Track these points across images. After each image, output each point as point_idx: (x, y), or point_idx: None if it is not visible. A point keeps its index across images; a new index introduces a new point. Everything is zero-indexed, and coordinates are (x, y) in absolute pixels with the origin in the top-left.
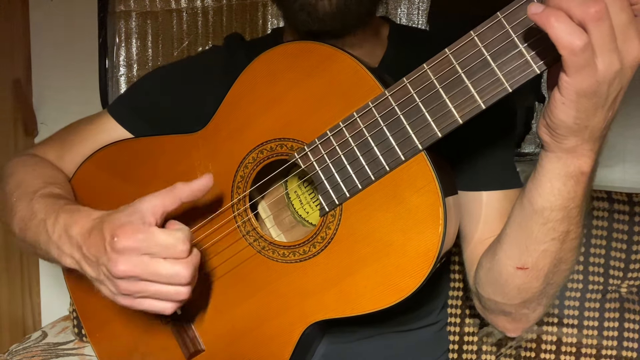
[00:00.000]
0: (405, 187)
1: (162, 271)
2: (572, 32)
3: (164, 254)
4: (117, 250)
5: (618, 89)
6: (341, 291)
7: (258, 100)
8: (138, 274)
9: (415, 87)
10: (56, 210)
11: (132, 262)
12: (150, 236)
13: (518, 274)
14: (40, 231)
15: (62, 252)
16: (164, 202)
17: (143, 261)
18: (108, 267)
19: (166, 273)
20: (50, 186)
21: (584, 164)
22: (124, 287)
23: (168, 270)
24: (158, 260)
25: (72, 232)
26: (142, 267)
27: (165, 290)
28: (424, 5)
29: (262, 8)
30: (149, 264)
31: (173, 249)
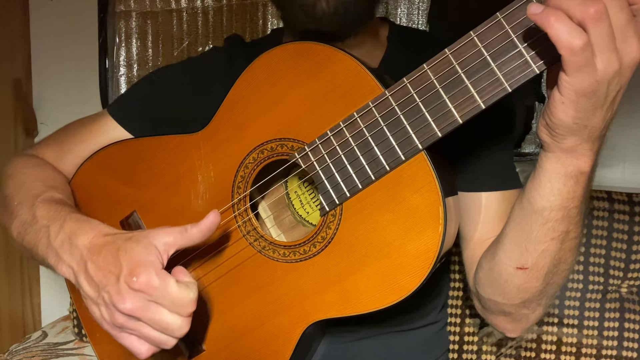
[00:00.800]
0: (405, 187)
1: (163, 320)
2: (572, 31)
3: (170, 308)
4: (133, 289)
5: (617, 88)
6: (341, 290)
7: (258, 101)
8: (139, 316)
9: (415, 87)
10: (62, 217)
11: (140, 304)
12: (165, 287)
13: (518, 274)
14: (41, 237)
15: (59, 260)
16: (176, 242)
17: (149, 306)
18: (113, 299)
19: (165, 323)
20: (51, 190)
21: (584, 164)
22: (119, 321)
23: (169, 321)
24: (163, 310)
25: (77, 242)
26: (147, 311)
27: (155, 336)
28: (424, 5)
29: (262, 8)
30: (155, 311)
31: (181, 307)
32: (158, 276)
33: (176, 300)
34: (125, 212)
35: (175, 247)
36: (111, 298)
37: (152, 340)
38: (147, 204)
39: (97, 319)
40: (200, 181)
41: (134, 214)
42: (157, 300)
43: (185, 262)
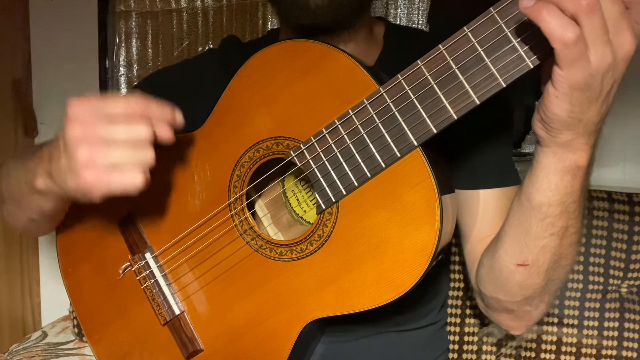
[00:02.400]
0: (401, 184)
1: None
2: (564, 24)
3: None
4: (69, 119)
5: (611, 82)
6: (339, 288)
7: (254, 99)
8: (94, 134)
9: (409, 83)
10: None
11: (84, 123)
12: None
13: (519, 271)
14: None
15: (34, 174)
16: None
17: (96, 122)
18: (65, 144)
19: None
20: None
21: (580, 158)
22: (82, 155)
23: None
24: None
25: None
26: (95, 127)
27: (129, 154)
28: (424, 5)
29: (262, 8)
30: (103, 125)
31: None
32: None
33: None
34: (123, 212)
35: None
36: (65, 146)
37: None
38: (143, 203)
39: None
40: (196, 181)
41: (130, 214)
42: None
43: (182, 262)
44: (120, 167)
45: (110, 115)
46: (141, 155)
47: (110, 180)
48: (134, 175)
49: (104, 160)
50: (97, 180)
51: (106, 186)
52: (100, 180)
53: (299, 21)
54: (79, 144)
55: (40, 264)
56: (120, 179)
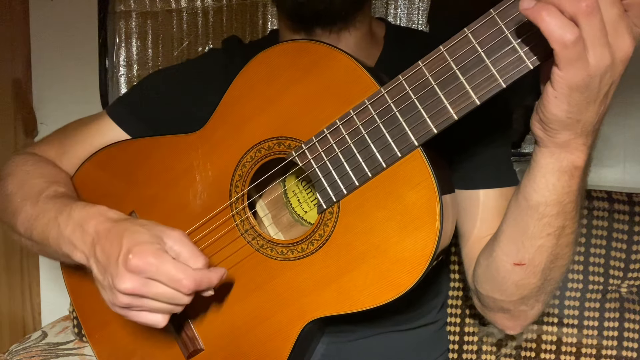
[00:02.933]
0: (401, 184)
1: (167, 293)
2: (564, 25)
3: (168, 284)
4: (129, 268)
5: (609, 83)
6: (339, 288)
7: (255, 100)
8: (141, 294)
9: (410, 84)
10: (69, 206)
11: (138, 283)
12: (160, 264)
13: (515, 270)
14: (51, 229)
15: (74, 247)
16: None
17: (148, 284)
18: (114, 280)
19: (170, 295)
20: (54, 185)
21: (578, 159)
22: (124, 302)
23: (170, 293)
24: (163, 286)
25: (87, 227)
26: (147, 288)
27: (164, 307)
28: (424, 5)
29: (262, 8)
30: (155, 286)
31: (179, 283)
32: (153, 254)
33: (172, 277)
34: (125, 212)
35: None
36: (112, 280)
37: (161, 310)
38: (145, 203)
39: (107, 302)
40: (198, 181)
41: (132, 214)
42: (154, 277)
43: None
44: (150, 311)
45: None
46: (172, 310)
47: (136, 317)
48: (160, 319)
49: (139, 307)
50: (125, 315)
51: (129, 318)
52: (127, 315)
53: (293, 8)
54: (123, 295)
55: (40, 264)
56: (145, 318)
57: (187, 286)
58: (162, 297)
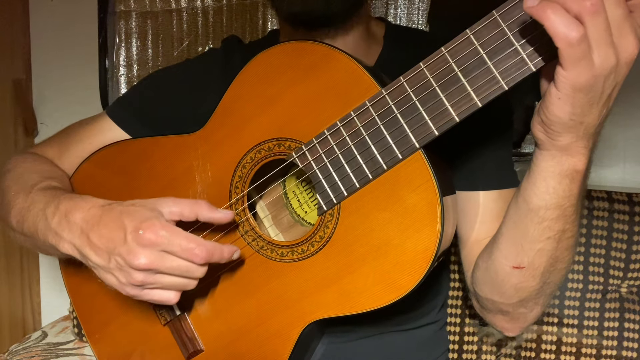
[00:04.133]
0: (402, 186)
1: (182, 266)
2: (569, 23)
3: (182, 255)
4: (142, 243)
5: (613, 84)
6: (340, 290)
7: (255, 100)
8: (157, 267)
9: (411, 85)
10: (57, 197)
11: (153, 256)
12: (173, 234)
13: (514, 273)
14: (39, 220)
15: (60, 239)
16: (182, 211)
17: (164, 256)
18: (126, 258)
19: (185, 267)
20: (48, 180)
21: (579, 162)
22: (139, 279)
23: (185, 265)
24: (177, 258)
25: (73, 218)
26: (163, 261)
27: (178, 281)
28: (424, 5)
29: (262, 8)
30: (171, 259)
31: (191, 252)
32: (164, 227)
33: (185, 246)
34: None
35: (179, 216)
36: (124, 259)
37: (175, 286)
38: None
39: (115, 286)
40: (198, 181)
41: None
42: (168, 248)
43: None
44: (163, 288)
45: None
46: (186, 285)
47: (149, 295)
48: (172, 295)
49: (153, 284)
50: (137, 294)
51: (141, 297)
52: (140, 294)
53: (290, 9)
54: (138, 271)
55: (40, 263)
56: (159, 295)
57: (199, 255)
58: (177, 270)
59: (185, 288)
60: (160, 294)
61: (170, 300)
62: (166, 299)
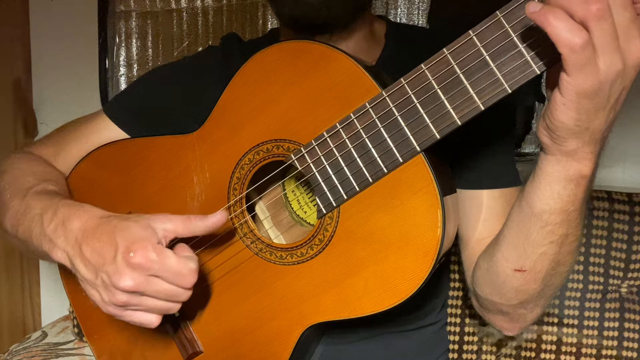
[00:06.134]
0: (403, 189)
1: (167, 290)
2: (572, 29)
3: (171, 280)
4: (131, 265)
5: (620, 89)
6: (339, 293)
7: (253, 101)
8: (142, 291)
9: (413, 87)
10: (55, 204)
11: (140, 279)
12: (163, 259)
13: (516, 276)
14: (35, 225)
15: (54, 246)
16: (176, 230)
17: (150, 280)
18: (112, 278)
19: (169, 293)
20: (44, 183)
21: (585, 167)
22: (122, 300)
23: (171, 290)
24: (164, 282)
25: (70, 226)
26: (149, 285)
27: (161, 305)
28: (424, 5)
29: (262, 8)
30: (157, 283)
31: (181, 278)
32: (155, 250)
33: (176, 271)
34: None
35: (174, 234)
36: (110, 278)
37: (158, 309)
38: (142, 205)
39: (97, 302)
40: (195, 182)
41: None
42: (157, 273)
43: None
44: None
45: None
46: (170, 309)
47: (130, 316)
48: (153, 319)
49: (136, 306)
50: (119, 315)
51: (122, 318)
52: (121, 314)
53: (292, 15)
54: (122, 293)
55: (40, 263)
56: (140, 317)
57: (190, 281)
58: (162, 294)
59: (168, 312)
60: (141, 316)
61: (151, 323)
62: (147, 322)
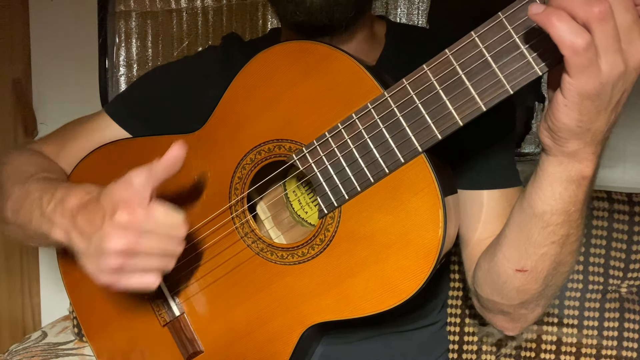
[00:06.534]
0: (405, 190)
1: (160, 246)
2: (574, 31)
3: (163, 232)
4: (118, 224)
5: (622, 91)
6: (340, 293)
7: (255, 101)
8: (135, 250)
9: (415, 88)
10: (54, 187)
11: (131, 238)
12: (151, 214)
13: (517, 276)
14: (34, 208)
15: (53, 224)
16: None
17: (142, 237)
18: (103, 242)
19: (163, 247)
20: (45, 172)
21: (586, 168)
22: (116, 263)
23: (165, 243)
24: (156, 237)
25: (67, 204)
26: (141, 243)
27: (157, 263)
28: (424, 5)
29: (262, 8)
30: (149, 239)
31: (174, 229)
32: (141, 206)
33: (167, 223)
34: None
35: (149, 184)
36: (100, 242)
37: (155, 267)
38: None
39: (92, 273)
40: (197, 182)
41: None
42: (148, 229)
43: (184, 264)
44: (142, 272)
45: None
46: (165, 265)
47: (127, 281)
48: (152, 279)
49: (131, 269)
50: (115, 282)
51: (120, 286)
52: (117, 282)
53: (294, 18)
54: (114, 255)
55: (40, 263)
56: (138, 280)
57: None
58: (156, 249)
59: (165, 269)
60: (139, 278)
61: (151, 284)
62: (146, 283)
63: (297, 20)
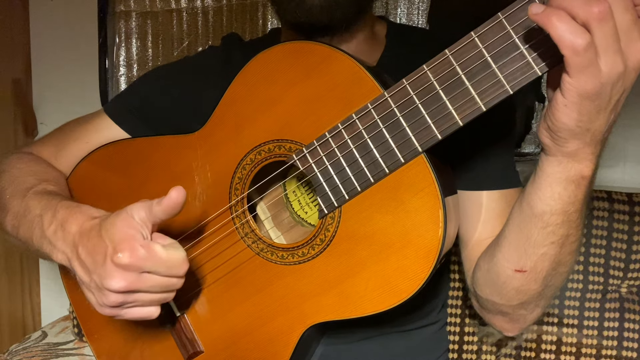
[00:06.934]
0: (405, 190)
1: (162, 283)
2: (574, 31)
3: (165, 272)
4: (120, 266)
5: (621, 91)
6: (340, 293)
7: (255, 101)
8: (137, 289)
9: (415, 88)
10: (54, 206)
11: (132, 279)
12: (153, 255)
13: (516, 277)
14: (35, 227)
15: (54, 248)
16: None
17: (143, 277)
18: (104, 281)
19: (165, 284)
20: (43, 183)
21: (585, 168)
22: (117, 301)
23: (166, 281)
24: (157, 277)
25: (69, 229)
26: (142, 283)
27: (158, 297)
28: (424, 5)
29: (262, 8)
30: (150, 279)
31: (175, 268)
32: (142, 246)
33: (169, 263)
34: None
35: (150, 221)
36: (102, 280)
37: (155, 301)
38: None
39: (94, 305)
40: (197, 182)
41: None
42: (150, 269)
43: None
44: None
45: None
46: (166, 298)
47: (128, 314)
48: (152, 310)
49: (132, 303)
50: (115, 315)
51: (120, 317)
52: (118, 314)
53: (295, 19)
54: (115, 294)
55: (40, 263)
56: (139, 313)
57: (183, 269)
58: (157, 287)
59: (165, 301)
60: (139, 311)
61: (151, 315)
62: (147, 315)
63: (297, 20)
